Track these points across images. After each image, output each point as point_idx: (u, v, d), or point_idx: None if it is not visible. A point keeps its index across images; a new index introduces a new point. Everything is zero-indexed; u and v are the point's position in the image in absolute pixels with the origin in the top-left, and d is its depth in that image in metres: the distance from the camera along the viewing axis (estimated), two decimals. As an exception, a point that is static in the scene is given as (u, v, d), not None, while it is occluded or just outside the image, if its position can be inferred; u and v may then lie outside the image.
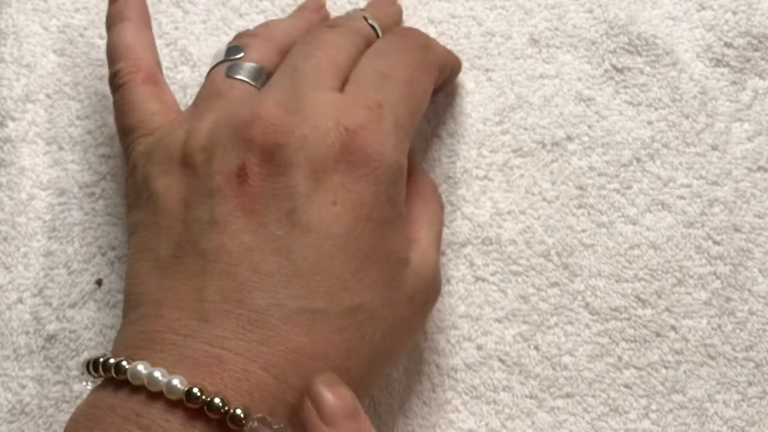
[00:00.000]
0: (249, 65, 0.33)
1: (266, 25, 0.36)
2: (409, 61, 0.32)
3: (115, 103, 0.34)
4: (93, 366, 0.26)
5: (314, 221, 0.27)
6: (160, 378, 0.25)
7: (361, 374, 0.28)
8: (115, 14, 0.35)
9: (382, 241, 0.29)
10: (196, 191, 0.28)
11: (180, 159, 0.29)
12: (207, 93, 0.32)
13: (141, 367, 0.25)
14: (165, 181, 0.29)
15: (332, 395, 0.25)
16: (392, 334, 0.29)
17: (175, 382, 0.24)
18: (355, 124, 0.29)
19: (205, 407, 0.24)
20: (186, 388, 0.24)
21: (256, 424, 0.24)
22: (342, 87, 0.31)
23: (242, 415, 0.24)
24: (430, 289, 0.31)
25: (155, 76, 0.34)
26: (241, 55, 0.33)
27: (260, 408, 0.25)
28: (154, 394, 0.25)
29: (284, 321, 0.26)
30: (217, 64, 0.33)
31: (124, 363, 0.25)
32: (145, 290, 0.28)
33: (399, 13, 0.39)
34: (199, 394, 0.24)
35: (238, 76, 0.32)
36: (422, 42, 0.34)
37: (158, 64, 0.35)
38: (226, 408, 0.24)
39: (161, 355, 0.26)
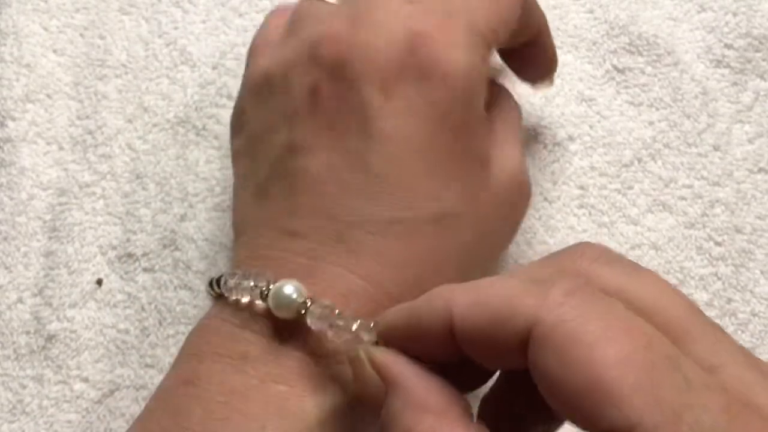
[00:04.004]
0: None
1: None
2: None
3: None
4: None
5: (390, 131, 0.27)
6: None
7: (455, 279, 0.27)
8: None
9: (461, 146, 0.28)
10: (278, 115, 0.29)
11: (265, 85, 0.29)
12: (290, 20, 0.31)
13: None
14: (252, 107, 0.30)
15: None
16: (482, 236, 0.29)
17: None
18: (422, 31, 0.27)
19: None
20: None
21: (319, 310, 0.25)
22: None
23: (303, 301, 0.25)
24: (516, 188, 0.30)
25: None
26: None
27: (358, 312, 0.25)
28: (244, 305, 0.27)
29: (373, 233, 0.27)
30: None
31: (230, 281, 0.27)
32: (247, 218, 0.29)
33: None
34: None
35: None
36: None
37: None
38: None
39: (263, 271, 0.26)
